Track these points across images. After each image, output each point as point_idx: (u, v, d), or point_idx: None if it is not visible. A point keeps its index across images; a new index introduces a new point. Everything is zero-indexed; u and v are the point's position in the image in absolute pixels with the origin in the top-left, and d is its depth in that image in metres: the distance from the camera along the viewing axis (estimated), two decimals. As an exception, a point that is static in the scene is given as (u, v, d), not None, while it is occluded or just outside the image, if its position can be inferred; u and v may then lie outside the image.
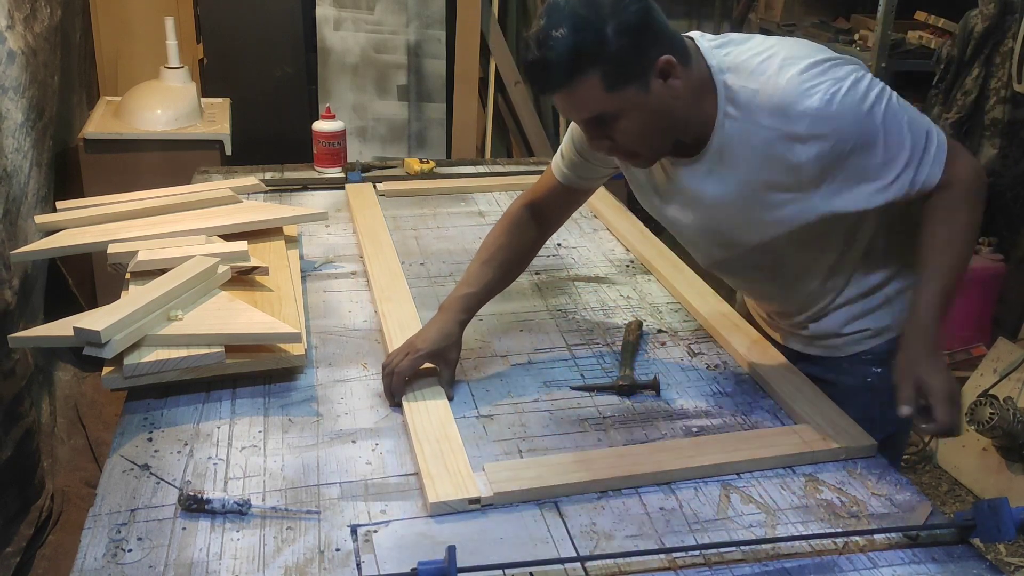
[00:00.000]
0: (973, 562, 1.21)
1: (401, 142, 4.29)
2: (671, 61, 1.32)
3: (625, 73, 1.30)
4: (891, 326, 1.59)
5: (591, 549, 1.21)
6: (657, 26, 1.33)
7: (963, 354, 3.27)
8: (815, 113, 1.31)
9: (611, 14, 1.27)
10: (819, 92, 1.31)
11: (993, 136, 3.01)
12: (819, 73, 1.33)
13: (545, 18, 1.30)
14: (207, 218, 2.02)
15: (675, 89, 1.34)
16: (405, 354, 1.52)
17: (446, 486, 1.29)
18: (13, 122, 2.62)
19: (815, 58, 1.36)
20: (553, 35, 1.27)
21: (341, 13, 4.10)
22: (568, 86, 1.32)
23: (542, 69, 1.31)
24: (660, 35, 1.33)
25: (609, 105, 1.33)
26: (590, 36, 1.27)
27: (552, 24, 1.27)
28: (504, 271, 1.65)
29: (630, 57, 1.30)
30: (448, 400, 1.51)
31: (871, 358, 1.62)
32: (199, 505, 1.24)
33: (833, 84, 1.32)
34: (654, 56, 1.31)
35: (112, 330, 1.46)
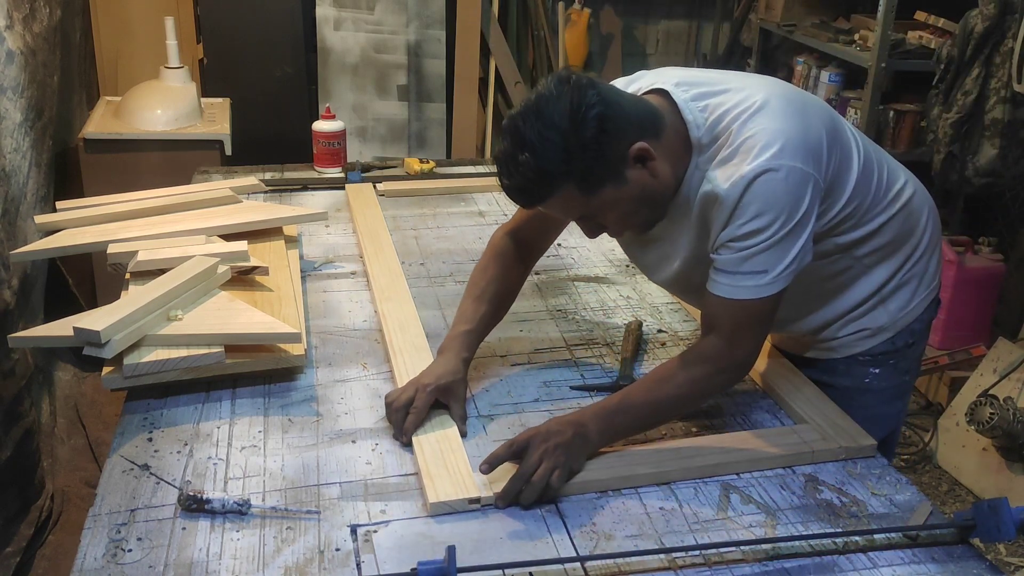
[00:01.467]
0: (973, 562, 1.21)
1: (401, 142, 4.29)
2: (644, 148, 1.32)
3: (598, 177, 1.31)
4: (887, 325, 1.59)
5: (591, 549, 1.21)
6: (620, 120, 1.31)
7: (963, 354, 3.27)
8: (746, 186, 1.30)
9: (571, 128, 1.27)
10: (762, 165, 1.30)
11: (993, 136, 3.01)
12: (777, 156, 1.30)
13: (508, 141, 1.31)
14: (207, 218, 2.02)
15: (654, 169, 1.35)
16: (415, 390, 1.45)
17: (446, 486, 1.29)
18: (12, 122, 2.62)
19: (785, 140, 1.31)
20: (519, 160, 1.27)
21: (341, 13, 4.10)
22: (546, 202, 1.34)
23: (517, 193, 1.34)
24: (626, 127, 1.32)
25: (590, 206, 1.35)
26: (554, 156, 1.27)
27: (515, 149, 1.28)
28: (497, 304, 1.63)
29: (599, 162, 1.30)
30: (462, 436, 1.43)
31: (868, 359, 1.61)
32: (199, 505, 1.24)
33: (778, 172, 1.30)
34: (624, 149, 1.32)
35: (112, 330, 1.46)
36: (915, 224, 1.56)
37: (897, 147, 3.67)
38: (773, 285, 1.34)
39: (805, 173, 1.32)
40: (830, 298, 1.56)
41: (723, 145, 1.36)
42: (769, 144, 1.31)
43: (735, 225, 1.33)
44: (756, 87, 1.39)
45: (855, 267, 1.53)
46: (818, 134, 1.36)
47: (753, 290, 1.34)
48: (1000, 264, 3.42)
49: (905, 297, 1.58)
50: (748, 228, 1.32)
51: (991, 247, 3.46)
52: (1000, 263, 3.42)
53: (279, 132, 3.83)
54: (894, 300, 1.58)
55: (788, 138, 1.32)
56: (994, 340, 3.13)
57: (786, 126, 1.33)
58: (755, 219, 1.31)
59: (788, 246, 1.33)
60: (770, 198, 1.30)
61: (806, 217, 1.33)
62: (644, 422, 1.41)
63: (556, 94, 1.28)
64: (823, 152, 1.36)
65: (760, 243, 1.32)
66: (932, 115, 3.17)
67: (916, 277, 1.59)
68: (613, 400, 1.40)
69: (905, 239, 1.55)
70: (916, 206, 1.56)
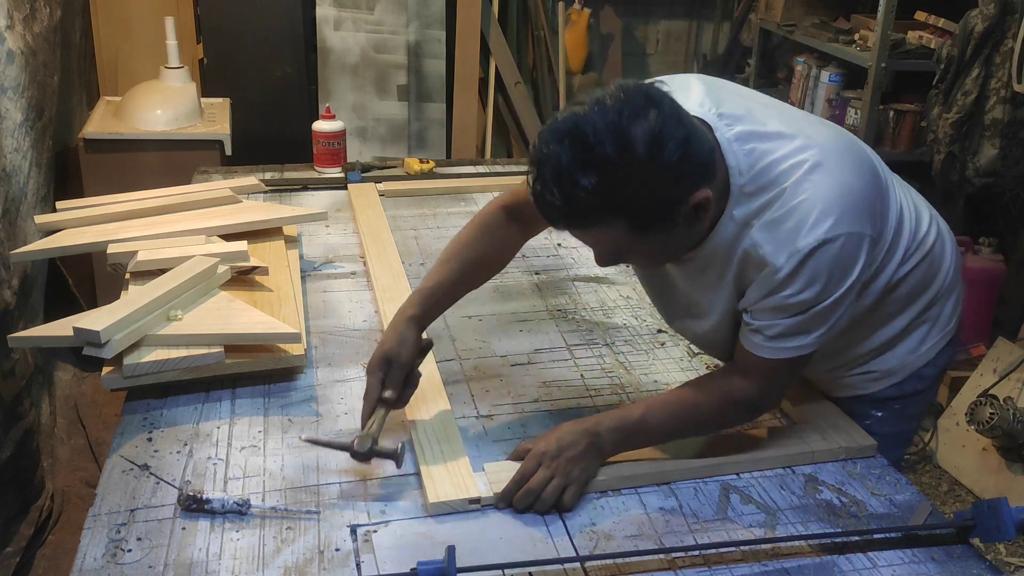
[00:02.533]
0: (973, 562, 1.21)
1: (401, 142, 4.29)
2: (708, 198, 1.19)
3: (655, 219, 1.18)
4: (895, 369, 1.49)
5: (591, 549, 1.21)
6: (697, 161, 1.17)
7: (963, 354, 3.27)
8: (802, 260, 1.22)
9: (647, 156, 1.11)
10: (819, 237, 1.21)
11: (993, 136, 3.00)
12: (835, 226, 1.21)
13: (567, 150, 1.12)
14: (207, 218, 2.02)
15: (703, 220, 1.22)
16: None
17: (446, 486, 1.29)
18: (12, 122, 2.62)
19: (844, 206, 1.22)
20: (578, 179, 1.10)
21: (341, 13, 4.10)
22: (587, 230, 1.21)
23: (558, 212, 1.17)
24: (698, 168, 1.18)
25: (632, 246, 1.22)
26: (622, 187, 1.11)
27: (578, 164, 1.10)
28: (465, 270, 1.50)
29: (663, 204, 1.16)
30: (386, 403, 1.36)
31: (870, 401, 1.53)
32: (199, 505, 1.24)
33: (835, 243, 1.21)
34: (688, 195, 1.17)
35: (112, 330, 1.46)
36: (937, 268, 1.46)
37: (897, 147, 3.67)
38: (813, 345, 1.29)
39: (861, 236, 1.23)
40: (847, 346, 1.46)
41: (772, 203, 1.23)
42: (827, 212, 1.20)
43: (783, 295, 1.24)
44: (807, 134, 1.27)
45: (874, 318, 1.43)
46: (874, 191, 1.28)
47: (794, 350, 1.29)
48: (1000, 264, 3.42)
49: (916, 340, 1.48)
50: (798, 299, 1.24)
51: (991, 247, 3.45)
52: (1000, 263, 3.42)
53: (279, 132, 3.83)
54: (904, 344, 1.48)
55: (848, 203, 1.22)
56: (994, 340, 3.13)
57: (845, 187, 1.23)
58: (806, 290, 1.23)
59: (836, 310, 1.26)
60: (824, 270, 1.22)
61: (857, 280, 1.26)
62: (659, 441, 1.38)
63: (638, 114, 1.11)
64: (877, 208, 1.28)
65: (807, 311, 1.25)
66: (932, 115, 3.17)
67: (930, 321, 1.48)
68: (634, 415, 1.34)
69: (927, 286, 1.45)
70: (938, 250, 1.45)
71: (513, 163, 2.90)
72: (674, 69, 5.13)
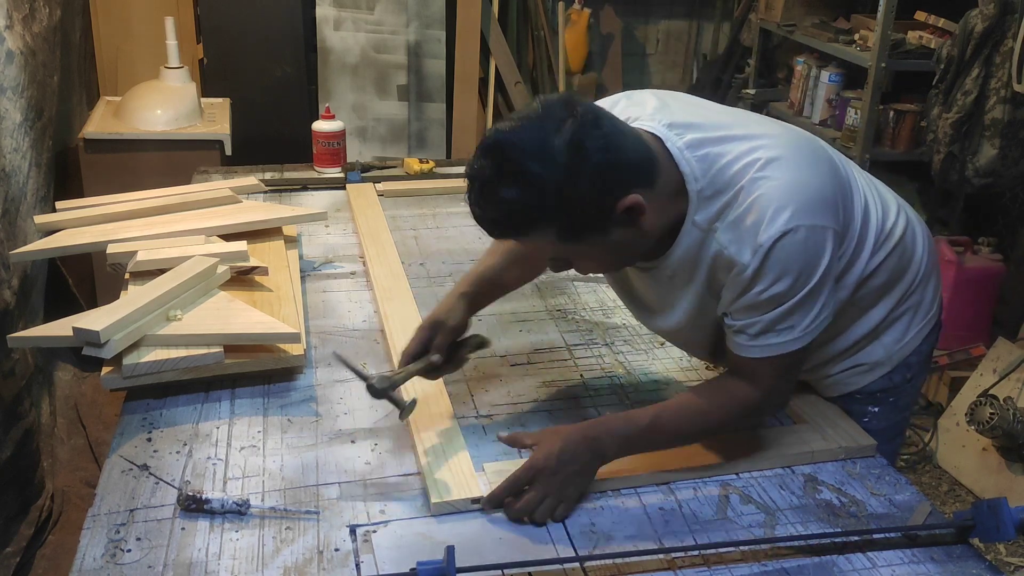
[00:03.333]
0: (972, 562, 1.21)
1: (401, 142, 4.29)
2: (638, 202, 1.20)
3: (582, 229, 1.20)
4: (883, 360, 1.50)
5: (590, 549, 1.21)
6: (621, 168, 1.19)
7: (963, 354, 3.27)
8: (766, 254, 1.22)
9: (567, 166, 1.14)
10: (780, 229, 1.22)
11: (993, 136, 3.00)
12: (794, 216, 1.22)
13: (489, 164, 1.17)
14: (207, 218, 2.02)
15: (641, 225, 1.23)
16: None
17: (448, 486, 1.29)
18: (12, 122, 2.62)
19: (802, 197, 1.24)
20: (499, 191, 1.15)
21: (341, 13, 4.10)
22: (520, 240, 1.25)
23: (487, 223, 1.21)
24: (624, 176, 1.20)
25: (566, 252, 1.26)
26: (541, 199, 1.14)
27: (498, 177, 1.15)
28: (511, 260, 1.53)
29: (588, 214, 1.19)
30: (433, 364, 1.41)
31: (866, 397, 1.53)
32: (198, 505, 1.24)
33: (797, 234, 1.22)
34: (616, 200, 1.19)
35: (111, 330, 1.46)
36: (910, 257, 1.47)
37: (897, 147, 3.67)
38: (802, 339, 1.29)
39: (824, 229, 1.25)
40: (829, 340, 1.46)
41: (732, 203, 1.25)
42: (785, 204, 1.22)
43: (754, 292, 1.25)
44: (759, 134, 1.30)
45: (851, 310, 1.44)
46: (832, 184, 1.30)
47: (783, 346, 1.29)
48: (1000, 264, 3.42)
49: (900, 329, 1.50)
50: (769, 294, 1.25)
51: (991, 247, 3.46)
52: (1000, 263, 3.42)
53: (279, 132, 3.83)
54: (889, 334, 1.49)
55: (805, 195, 1.24)
56: (994, 340, 3.13)
57: (800, 179, 1.25)
58: (776, 284, 1.24)
59: (813, 302, 1.27)
60: (790, 262, 1.23)
61: (828, 272, 1.26)
62: (663, 447, 1.38)
63: (556, 125, 1.15)
64: (838, 201, 1.30)
65: (782, 305, 1.26)
66: (932, 115, 3.17)
67: (911, 308, 1.50)
68: (641, 422, 1.32)
69: (901, 275, 1.46)
70: (909, 240, 1.46)
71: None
72: (674, 69, 5.13)
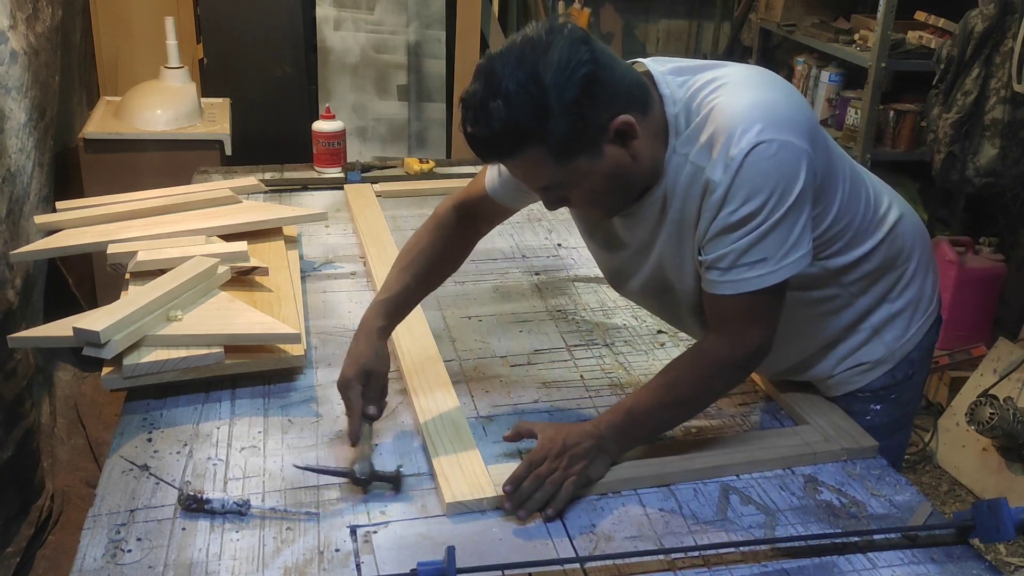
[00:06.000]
0: (972, 562, 1.21)
1: (401, 142, 4.29)
2: (628, 122, 1.21)
3: (574, 145, 1.20)
4: (885, 358, 1.49)
5: (590, 550, 1.21)
6: (610, 84, 1.19)
7: (963, 354, 3.27)
8: (737, 168, 1.21)
9: (554, 83, 1.15)
10: (751, 140, 1.20)
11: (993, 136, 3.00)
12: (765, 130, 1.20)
13: (481, 84, 1.18)
14: (207, 218, 2.02)
15: (635, 148, 1.23)
16: (342, 391, 1.40)
17: (461, 486, 1.29)
18: (16, 122, 2.62)
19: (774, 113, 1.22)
20: (490, 107, 1.16)
21: (341, 13, 4.10)
22: (510, 159, 1.24)
23: (480, 144, 1.22)
24: (614, 94, 1.20)
25: (559, 176, 1.24)
26: (530, 111, 1.15)
27: (488, 94, 1.16)
28: (422, 277, 1.52)
29: (578, 128, 1.18)
30: (369, 419, 1.39)
31: (868, 395, 1.51)
32: (199, 505, 1.24)
33: (769, 146, 1.20)
34: (607, 120, 1.20)
35: (112, 330, 1.47)
36: (900, 249, 1.45)
37: (897, 147, 3.67)
38: (776, 274, 1.24)
39: (798, 148, 1.21)
40: (813, 331, 1.45)
41: (703, 124, 1.24)
42: (755, 118, 1.20)
43: (726, 212, 1.22)
44: (736, 69, 1.30)
45: (841, 296, 1.42)
46: (807, 115, 1.27)
47: (755, 281, 1.24)
48: (1001, 264, 3.42)
49: (901, 326, 1.48)
50: (741, 214, 1.21)
51: (992, 247, 3.46)
52: (1001, 263, 3.42)
53: (279, 132, 3.83)
54: (889, 331, 1.48)
55: (777, 111, 1.22)
56: (994, 340, 3.13)
57: (772, 98, 1.24)
58: (747, 203, 1.21)
59: (787, 230, 1.22)
60: (761, 177, 1.20)
61: (802, 197, 1.22)
62: (660, 427, 1.38)
63: (545, 42, 1.16)
64: (815, 132, 1.26)
65: (755, 229, 1.22)
66: (932, 115, 3.17)
67: (911, 304, 1.48)
68: (623, 406, 1.34)
69: (890, 266, 1.44)
70: (901, 231, 1.44)
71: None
72: (674, 69, 5.12)
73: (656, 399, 1.33)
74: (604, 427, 1.32)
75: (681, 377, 1.33)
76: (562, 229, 2.31)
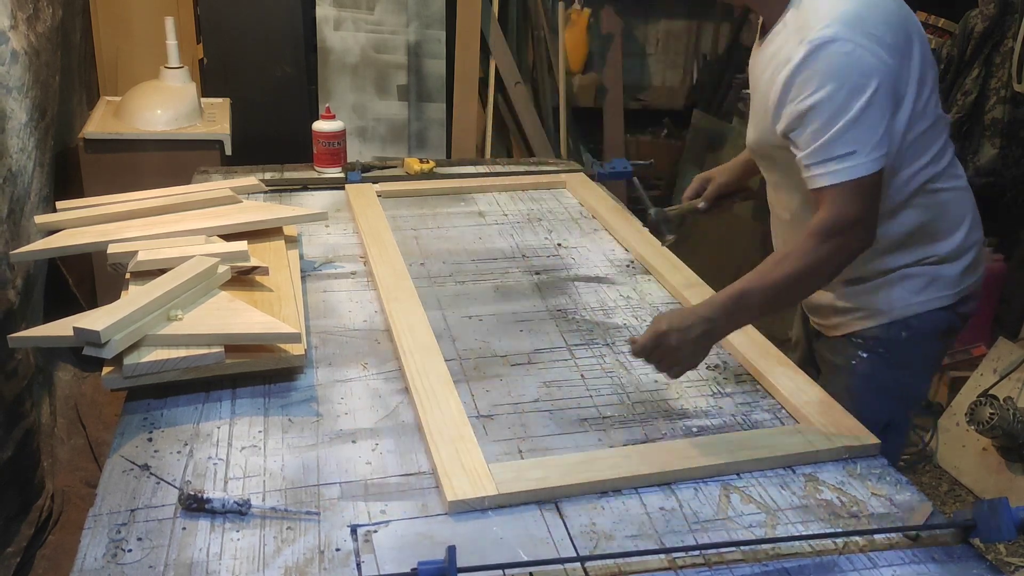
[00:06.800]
0: (973, 562, 1.21)
1: (401, 142, 4.29)
2: None
3: None
4: (883, 311, 1.60)
5: (591, 549, 1.21)
6: None
7: (963, 354, 3.27)
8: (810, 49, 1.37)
9: None
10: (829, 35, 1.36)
11: (993, 136, 3.01)
12: (847, 29, 1.36)
13: None
14: (207, 218, 2.02)
15: None
16: None
17: (463, 484, 1.29)
18: (17, 122, 2.62)
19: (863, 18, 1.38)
20: None
21: (341, 13, 4.10)
22: None
23: None
24: None
25: None
26: None
27: None
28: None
29: None
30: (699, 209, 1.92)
31: (860, 342, 1.64)
32: (199, 505, 1.24)
33: (844, 45, 1.35)
34: None
35: (112, 330, 1.46)
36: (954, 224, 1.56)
37: (897, 147, 3.66)
38: (867, 165, 1.38)
39: (875, 53, 1.36)
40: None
41: (800, 12, 1.43)
42: (837, 19, 1.36)
43: (800, 97, 1.38)
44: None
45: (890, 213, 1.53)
46: (899, 36, 1.41)
47: (849, 171, 1.38)
48: (1001, 264, 3.42)
49: (910, 289, 1.56)
50: (811, 101, 1.36)
51: (992, 247, 3.46)
52: (1001, 263, 3.42)
53: (279, 132, 3.83)
54: (897, 289, 1.56)
55: (857, 19, 1.37)
56: (994, 340, 3.13)
57: (858, 10, 1.38)
58: (818, 91, 1.36)
59: (869, 121, 1.36)
60: (833, 70, 1.35)
61: (877, 96, 1.36)
62: (767, 308, 1.44)
63: None
64: (897, 47, 1.40)
65: (829, 117, 1.36)
66: (932, 115, 3.16)
67: (928, 277, 1.57)
68: (734, 289, 1.42)
69: (937, 228, 1.55)
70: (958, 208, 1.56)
71: (513, 163, 2.90)
72: (674, 69, 5.13)
73: (767, 273, 1.43)
74: (717, 311, 1.41)
75: (789, 251, 1.44)
76: (562, 229, 2.31)
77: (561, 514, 1.27)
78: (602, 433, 1.47)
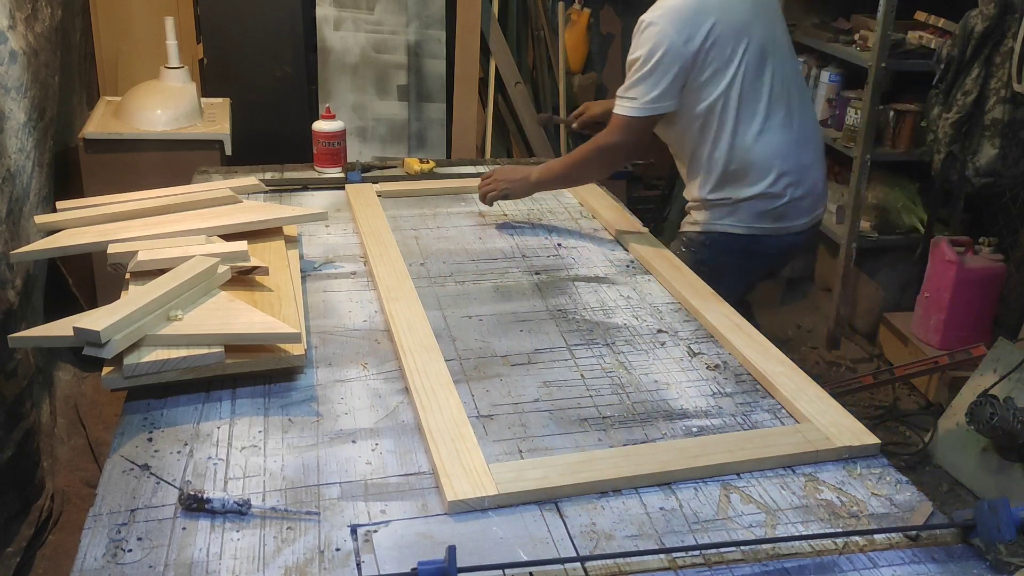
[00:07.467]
0: (973, 562, 1.21)
1: (401, 142, 4.29)
2: None
3: None
4: (701, 222, 2.27)
5: (591, 549, 1.21)
6: None
7: (963, 354, 3.27)
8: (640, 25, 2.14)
9: None
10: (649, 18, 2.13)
11: (993, 136, 3.00)
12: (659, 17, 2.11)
13: None
14: (207, 218, 2.02)
15: None
16: None
17: (463, 484, 1.29)
18: (16, 122, 2.62)
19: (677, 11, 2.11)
20: None
21: (341, 13, 4.10)
22: None
23: None
24: None
25: None
26: None
27: None
28: None
29: None
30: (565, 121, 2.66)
31: (686, 240, 2.32)
32: (199, 505, 1.24)
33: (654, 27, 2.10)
34: None
35: (112, 330, 1.46)
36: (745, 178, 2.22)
37: (897, 147, 3.67)
38: (641, 109, 2.11)
39: (669, 37, 2.06)
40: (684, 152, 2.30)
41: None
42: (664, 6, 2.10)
43: (629, 55, 2.12)
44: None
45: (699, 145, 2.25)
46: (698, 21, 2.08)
47: (627, 109, 2.13)
48: (1000, 264, 3.42)
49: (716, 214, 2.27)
50: (630, 58, 2.11)
51: (991, 247, 3.46)
52: (1000, 263, 3.42)
53: (279, 132, 3.83)
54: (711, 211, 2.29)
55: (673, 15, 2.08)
56: (994, 340, 3.13)
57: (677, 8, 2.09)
58: (636, 51, 2.09)
59: (653, 83, 2.08)
60: (644, 41, 2.07)
61: (662, 63, 2.06)
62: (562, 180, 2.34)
63: None
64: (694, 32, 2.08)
65: (633, 71, 2.10)
66: (932, 115, 3.17)
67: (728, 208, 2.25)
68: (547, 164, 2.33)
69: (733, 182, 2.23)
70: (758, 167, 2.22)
71: (513, 163, 2.90)
72: (674, 69, 5.11)
73: (563, 160, 2.33)
74: (534, 173, 2.30)
75: (576, 151, 2.27)
76: (562, 229, 2.31)
77: (561, 514, 1.27)
78: (602, 433, 1.47)
